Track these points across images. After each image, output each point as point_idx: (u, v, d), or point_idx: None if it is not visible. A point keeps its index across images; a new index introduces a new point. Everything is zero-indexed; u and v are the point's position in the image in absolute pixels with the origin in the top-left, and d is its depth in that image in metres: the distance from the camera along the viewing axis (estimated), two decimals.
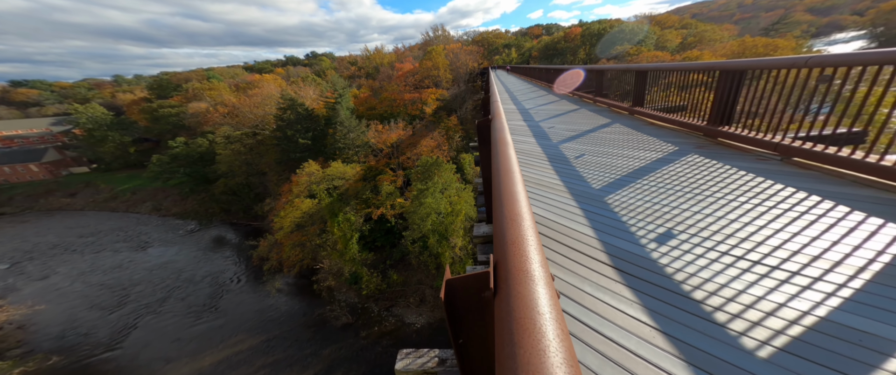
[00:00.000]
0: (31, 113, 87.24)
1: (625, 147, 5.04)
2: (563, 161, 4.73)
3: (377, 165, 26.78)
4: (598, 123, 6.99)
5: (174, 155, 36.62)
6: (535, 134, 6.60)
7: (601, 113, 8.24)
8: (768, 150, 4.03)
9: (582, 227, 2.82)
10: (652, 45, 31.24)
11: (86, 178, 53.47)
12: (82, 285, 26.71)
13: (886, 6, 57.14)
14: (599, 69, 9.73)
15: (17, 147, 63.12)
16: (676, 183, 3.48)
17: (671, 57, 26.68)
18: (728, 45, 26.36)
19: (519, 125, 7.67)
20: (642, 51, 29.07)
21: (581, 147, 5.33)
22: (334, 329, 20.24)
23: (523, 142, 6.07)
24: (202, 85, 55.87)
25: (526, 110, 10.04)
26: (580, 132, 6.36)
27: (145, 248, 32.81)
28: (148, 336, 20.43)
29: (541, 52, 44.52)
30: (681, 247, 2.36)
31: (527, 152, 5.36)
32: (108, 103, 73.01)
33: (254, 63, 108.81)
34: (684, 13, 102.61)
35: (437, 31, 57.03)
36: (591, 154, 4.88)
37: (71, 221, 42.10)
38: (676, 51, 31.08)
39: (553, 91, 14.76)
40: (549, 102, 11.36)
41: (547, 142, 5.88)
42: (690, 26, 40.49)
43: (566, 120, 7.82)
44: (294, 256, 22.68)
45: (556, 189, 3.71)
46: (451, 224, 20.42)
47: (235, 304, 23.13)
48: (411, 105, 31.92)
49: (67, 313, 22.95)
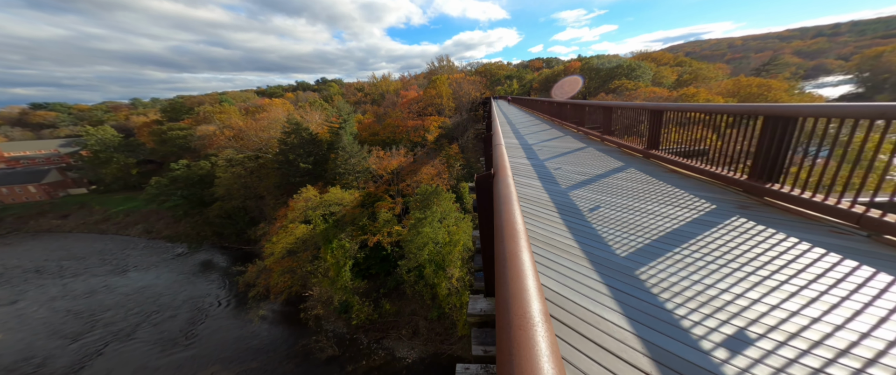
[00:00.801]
0: (43, 134, 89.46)
1: (647, 199, 4.31)
2: (575, 213, 4.00)
3: (376, 191, 26.53)
4: (610, 166, 6.31)
5: (174, 177, 36.60)
6: (540, 176, 5.94)
7: (610, 153, 7.51)
8: (845, 221, 3.11)
9: (609, 314, 2.10)
10: (649, 81, 32.51)
11: (82, 200, 53.11)
12: (48, 311, 25.03)
13: (870, 52, 60.57)
14: (607, 105, 9.05)
15: (21, 168, 63.73)
16: (730, 258, 2.65)
17: (668, 93, 27.58)
18: (723, 84, 27.32)
19: (521, 163, 6.96)
20: (639, 86, 30.12)
21: (595, 195, 4.63)
22: (318, 362, 18.58)
23: (527, 185, 5.40)
24: (213, 108, 57.66)
25: (528, 145, 9.34)
26: (591, 176, 5.72)
27: (126, 272, 31.41)
28: (110, 367, 18.62)
29: (542, 84, 46.44)
30: (767, 361, 1.63)
31: (532, 199, 4.66)
32: (121, 125, 75.01)
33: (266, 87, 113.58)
34: (678, 51, 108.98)
35: (441, 61, 60.02)
36: (607, 206, 4.18)
37: (56, 244, 40.89)
38: (673, 87, 32.31)
39: (557, 125, 14.28)
40: (554, 138, 10.60)
41: (554, 186, 5.23)
42: (685, 64, 42.61)
43: (574, 160, 7.08)
44: (283, 283, 21.60)
45: (571, 253, 3.02)
46: (449, 254, 19.74)
47: (214, 332, 21.49)
48: (413, 132, 32.48)
49: (25, 342, 21.22)
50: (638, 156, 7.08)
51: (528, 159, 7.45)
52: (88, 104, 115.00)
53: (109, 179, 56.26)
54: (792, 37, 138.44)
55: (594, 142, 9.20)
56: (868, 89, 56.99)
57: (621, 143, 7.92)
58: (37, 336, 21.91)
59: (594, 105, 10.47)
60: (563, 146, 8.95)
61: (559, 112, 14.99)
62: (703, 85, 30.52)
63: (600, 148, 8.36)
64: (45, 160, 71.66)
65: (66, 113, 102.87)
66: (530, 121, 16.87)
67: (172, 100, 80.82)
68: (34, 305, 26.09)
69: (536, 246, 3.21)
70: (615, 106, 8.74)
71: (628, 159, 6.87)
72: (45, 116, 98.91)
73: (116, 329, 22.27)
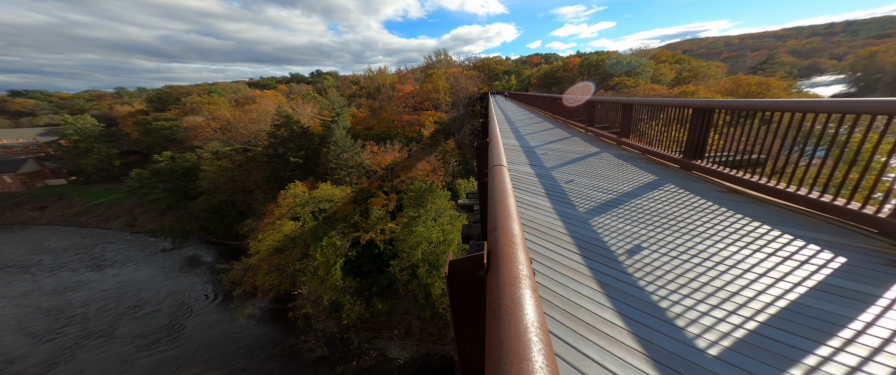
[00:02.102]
0: (22, 123, 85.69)
1: (715, 237, 3.01)
2: (606, 258, 2.83)
3: (370, 187, 25.81)
4: (639, 181, 4.95)
5: (157, 169, 35.13)
6: (548, 191, 4.73)
7: (633, 161, 6.24)
8: None
9: None
10: (649, 79, 32.19)
11: (60, 191, 50.99)
12: (18, 309, 23.76)
13: (864, 52, 61.41)
14: (628, 102, 7.49)
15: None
16: None
17: (668, 90, 27.28)
18: (722, 82, 27.14)
19: (524, 172, 5.88)
20: (640, 83, 29.77)
21: (630, 228, 3.35)
22: (306, 363, 17.99)
23: (533, 205, 4.16)
24: (202, 99, 55.71)
25: (531, 148, 8.06)
26: (616, 194, 4.42)
27: (105, 267, 30.12)
28: (84, 367, 17.66)
29: (540, 80, 45.89)
30: None
31: (541, 227, 3.52)
32: (104, 115, 72.26)
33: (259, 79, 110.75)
34: (675, 49, 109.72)
35: (439, 56, 59.09)
36: (652, 244, 2.97)
37: (32, 236, 39.12)
38: (672, 84, 32.03)
39: (561, 124, 12.86)
40: (559, 140, 9.25)
41: (569, 209, 3.98)
42: (684, 61, 42.45)
43: (588, 170, 5.79)
44: (270, 281, 20.83)
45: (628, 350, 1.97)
46: (443, 253, 19.26)
47: (197, 331, 20.64)
48: (409, 127, 31.69)
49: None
50: (673, 167, 5.66)
51: (532, 166, 6.29)
52: (71, 92, 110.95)
53: (90, 170, 54.11)
54: (787, 36, 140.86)
55: (609, 146, 7.88)
56: (860, 89, 57.94)
57: (648, 149, 6.55)
58: (6, 336, 20.70)
59: (608, 101, 9.16)
60: (570, 150, 7.73)
61: (563, 109, 13.74)
62: (702, 82, 30.33)
63: (617, 153, 7.08)
64: (22, 149, 68.57)
65: (46, 101, 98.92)
66: (530, 119, 15.86)
67: (160, 89, 78.09)
68: (4, 303, 24.75)
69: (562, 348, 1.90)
70: (638, 103, 7.15)
71: (661, 171, 5.45)
72: (24, 104, 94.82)
73: (94, 327, 21.22)
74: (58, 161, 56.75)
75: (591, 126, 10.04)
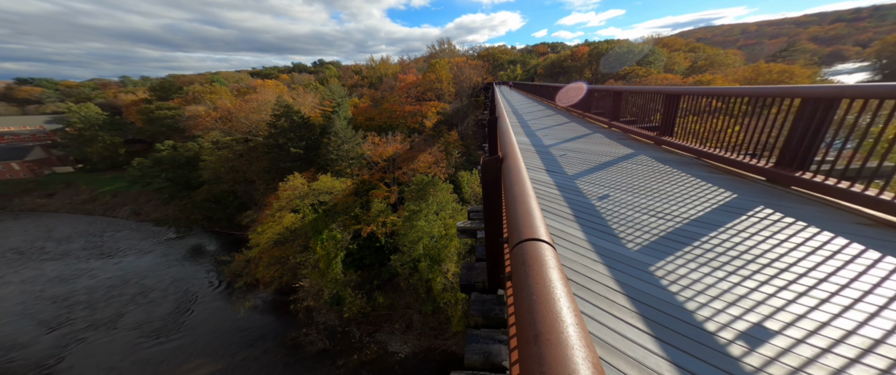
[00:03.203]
0: (29, 110, 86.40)
1: None
2: (698, 345, 1.82)
3: (371, 179, 25.39)
4: (714, 198, 3.62)
5: (158, 158, 35.03)
6: (576, 211, 3.58)
7: (684, 167, 4.88)
8: None
9: None
10: (661, 67, 30.78)
11: (68, 178, 51.51)
12: (27, 296, 24.15)
13: (892, 38, 58.22)
14: (673, 92, 6.11)
15: (5, 144, 61.51)
16: None
17: (682, 80, 26.03)
18: (740, 71, 25.77)
19: (544, 187, 4.48)
20: (652, 72, 28.48)
21: (727, 284, 2.23)
22: (308, 356, 18.03)
23: (565, 238, 3.05)
24: (204, 88, 55.27)
25: (545, 149, 6.75)
26: (681, 218, 3.19)
27: (112, 256, 30.45)
28: (89, 358, 17.87)
29: (546, 70, 44.47)
30: None
31: (588, 286, 2.43)
32: (108, 103, 72.38)
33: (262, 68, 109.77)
34: (689, 36, 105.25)
35: (443, 45, 57.59)
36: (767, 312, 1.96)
37: (40, 224, 39.67)
38: (686, 73, 30.62)
39: (577, 118, 11.42)
40: (577, 137, 7.88)
41: (615, 245, 2.84)
42: (698, 50, 40.54)
43: (623, 179, 4.51)
44: (271, 273, 20.75)
45: None
46: (445, 248, 18.90)
47: (200, 322, 20.79)
48: (411, 117, 30.97)
49: (5, 332, 20.31)
50: (755, 179, 4.10)
51: (550, 173, 4.97)
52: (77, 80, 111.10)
53: (96, 158, 54.47)
54: (809, 22, 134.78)
55: (645, 146, 6.48)
56: (885, 77, 55.34)
57: (709, 154, 5.02)
58: (13, 323, 21.06)
59: (643, 92, 7.64)
60: (595, 150, 6.34)
61: (579, 101, 11.84)
62: (719, 71, 28.89)
63: (658, 156, 5.63)
64: (30, 136, 69.21)
65: (52, 89, 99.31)
66: (540, 111, 14.48)
67: (163, 78, 77.69)
68: (12, 290, 25.18)
69: None
70: (692, 93, 5.62)
71: (736, 185, 3.93)
72: (30, 92, 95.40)
73: (99, 316, 21.49)
74: (64, 148, 57.18)
75: (615, 120, 8.72)
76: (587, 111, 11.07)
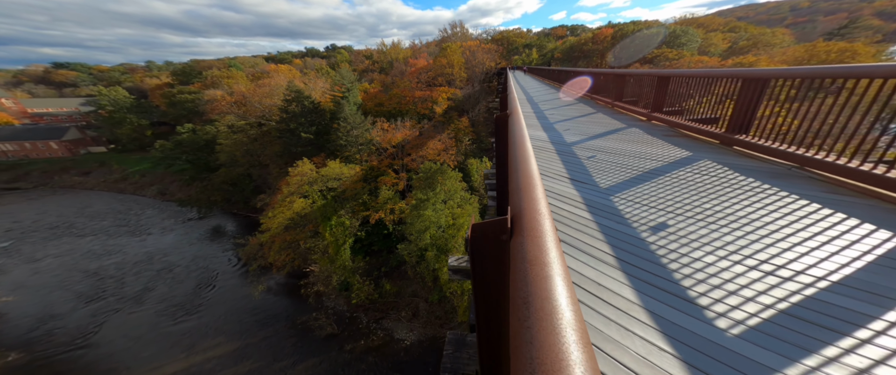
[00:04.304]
0: (65, 93, 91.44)
1: None
2: None
3: (379, 166, 25.20)
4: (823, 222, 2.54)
5: (179, 141, 36.20)
6: (619, 254, 2.38)
7: (745, 171, 3.88)
8: None
9: None
10: (695, 49, 27.83)
11: (101, 158, 54.61)
12: (67, 271, 26.09)
13: None
14: (755, 76, 4.58)
15: (44, 124, 65.61)
16: None
17: (719, 62, 23.38)
18: (790, 51, 22.68)
19: (572, 211, 3.10)
20: (684, 55, 25.81)
21: None
22: (317, 340, 18.64)
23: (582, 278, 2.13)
24: (221, 72, 56.25)
25: (567, 147, 5.43)
26: (781, 264, 2.10)
27: (140, 234, 32.33)
28: (118, 334, 19.22)
29: (565, 54, 41.73)
30: None
31: None
32: (136, 87, 75.28)
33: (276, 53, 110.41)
34: (728, 16, 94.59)
35: (455, 28, 55.27)
36: None
37: (78, 200, 42.58)
38: (726, 55, 27.49)
39: (605, 107, 9.84)
40: (609, 132, 6.32)
41: (698, 322, 1.73)
42: (739, 29, 36.54)
43: (700, 202, 3.09)
44: (283, 257, 21.32)
45: None
46: (453, 238, 18.64)
47: (218, 302, 21.88)
48: (421, 103, 30.18)
49: (45, 303, 22.15)
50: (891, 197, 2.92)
51: (577, 184, 3.68)
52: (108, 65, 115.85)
53: (125, 139, 57.33)
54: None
55: (707, 147, 4.96)
56: None
57: (815, 160, 3.69)
58: (55, 297, 22.76)
59: (697, 75, 5.86)
60: (634, 152, 4.84)
61: (605, 88, 10.03)
62: (765, 52, 25.93)
63: (731, 162, 4.20)
64: (66, 118, 73.55)
65: (86, 73, 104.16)
66: (560, 101, 12.35)
67: (185, 63, 79.56)
68: (55, 264, 27.30)
69: None
70: (782, 75, 4.18)
71: (853, 207, 2.76)
72: (66, 75, 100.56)
73: (126, 294, 22.98)
74: (97, 130, 60.46)
75: (658, 112, 7.18)
76: (618, 100, 9.40)
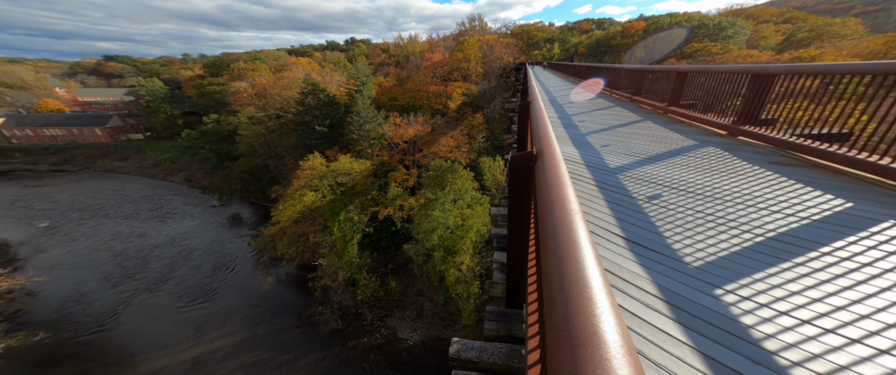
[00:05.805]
0: (113, 83, 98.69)
1: None
2: None
3: (390, 161, 24.81)
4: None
5: (204, 131, 37.70)
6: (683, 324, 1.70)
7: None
8: None
9: None
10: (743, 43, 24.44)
11: (138, 144, 58.39)
12: (97, 253, 27.80)
13: None
14: (871, 69, 3.31)
15: (91, 112, 70.96)
16: None
17: (773, 56, 20.06)
18: (864, 43, 19.22)
19: None
20: (730, 49, 22.78)
21: None
22: (322, 334, 18.71)
23: None
24: (247, 65, 58.27)
25: (609, 172, 4.10)
26: None
27: (166, 219, 34.08)
28: (137, 319, 20.10)
29: (590, 49, 38.95)
30: None
31: None
32: (172, 78, 79.87)
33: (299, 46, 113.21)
34: (783, 5, 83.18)
35: (473, 22, 53.66)
36: None
37: (114, 184, 45.79)
38: (781, 49, 23.85)
39: (645, 110, 8.33)
40: (678, 151, 4.75)
41: None
42: (796, 20, 32.11)
43: None
44: (293, 250, 21.55)
45: None
46: (461, 239, 17.93)
47: (232, 291, 22.57)
48: (435, 98, 29.41)
49: (74, 281, 23.62)
50: None
51: (625, 226, 2.71)
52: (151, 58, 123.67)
53: (159, 127, 60.97)
54: None
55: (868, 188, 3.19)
56: None
57: None
58: (84, 279, 24.11)
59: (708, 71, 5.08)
60: (719, 189, 3.31)
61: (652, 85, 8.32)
62: (830, 45, 22.28)
63: (873, 198, 2.91)
64: (112, 106, 79.14)
65: (131, 65, 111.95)
66: (588, 101, 10.52)
67: (216, 56, 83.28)
68: (89, 246, 29.19)
69: None
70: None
71: None
72: (114, 67, 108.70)
73: (149, 278, 24.15)
74: (136, 118, 64.74)
75: (745, 126, 5.24)
76: (673, 104, 7.60)
